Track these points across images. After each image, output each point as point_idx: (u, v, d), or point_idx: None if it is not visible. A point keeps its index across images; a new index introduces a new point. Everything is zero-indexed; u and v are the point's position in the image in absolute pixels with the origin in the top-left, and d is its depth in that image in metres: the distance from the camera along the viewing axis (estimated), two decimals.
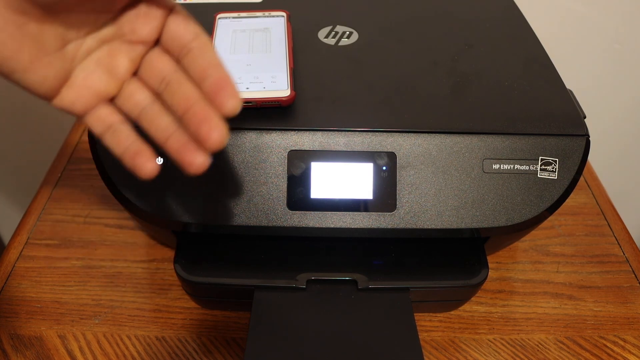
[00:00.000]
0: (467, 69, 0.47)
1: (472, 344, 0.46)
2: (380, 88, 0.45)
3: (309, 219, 0.41)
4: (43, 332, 0.47)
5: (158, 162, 0.40)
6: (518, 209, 0.41)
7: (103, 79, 0.29)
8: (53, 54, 0.28)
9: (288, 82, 0.42)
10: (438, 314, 0.49)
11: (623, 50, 0.84)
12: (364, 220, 0.41)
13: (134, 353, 0.45)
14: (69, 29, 0.28)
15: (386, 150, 0.41)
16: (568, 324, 0.48)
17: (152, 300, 0.49)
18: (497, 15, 0.56)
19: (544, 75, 0.47)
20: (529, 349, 0.46)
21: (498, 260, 0.54)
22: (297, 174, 0.41)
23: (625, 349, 0.46)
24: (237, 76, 0.43)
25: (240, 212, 0.41)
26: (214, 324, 0.47)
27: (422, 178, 0.41)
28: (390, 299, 0.42)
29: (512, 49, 0.50)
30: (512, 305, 0.49)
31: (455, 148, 0.41)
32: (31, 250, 0.53)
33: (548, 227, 0.57)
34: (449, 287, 0.44)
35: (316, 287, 0.42)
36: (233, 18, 0.51)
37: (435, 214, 0.41)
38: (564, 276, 0.52)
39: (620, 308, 0.49)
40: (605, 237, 0.56)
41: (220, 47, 0.47)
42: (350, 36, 0.51)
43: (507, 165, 0.41)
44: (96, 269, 0.52)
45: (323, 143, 0.41)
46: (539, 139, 0.41)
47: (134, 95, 0.30)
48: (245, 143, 0.41)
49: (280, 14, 0.51)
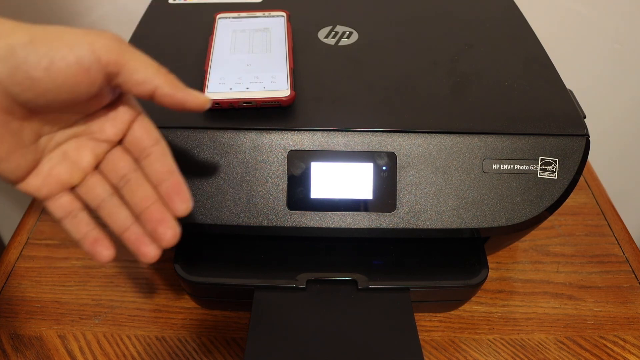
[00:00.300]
0: (467, 69, 0.47)
1: (472, 344, 0.46)
2: (380, 88, 0.45)
3: (309, 219, 0.41)
4: (43, 332, 0.47)
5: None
6: (518, 209, 0.41)
7: (67, 170, 0.32)
8: (28, 146, 0.30)
9: (288, 82, 0.42)
10: (438, 314, 0.49)
11: (623, 50, 0.84)
12: (364, 220, 0.41)
13: (134, 353, 0.45)
14: (44, 125, 0.31)
15: (386, 150, 0.41)
16: (568, 324, 0.48)
17: (152, 300, 0.49)
18: (497, 15, 0.56)
19: (544, 75, 0.47)
20: (529, 349, 0.46)
21: (498, 260, 0.54)
22: (297, 174, 0.41)
23: (625, 349, 0.46)
24: (237, 76, 0.43)
25: (240, 212, 0.41)
26: (214, 324, 0.48)
27: (422, 178, 0.41)
28: (390, 299, 0.42)
29: (512, 49, 0.50)
30: (512, 305, 0.49)
31: (455, 148, 0.41)
32: (31, 250, 0.53)
33: (548, 227, 0.57)
34: (449, 287, 0.44)
35: (316, 287, 0.42)
36: (233, 18, 0.51)
37: (435, 214, 0.41)
38: (564, 276, 0.52)
39: (620, 308, 0.49)
40: (605, 237, 0.56)
41: (220, 47, 0.47)
42: (350, 36, 0.51)
43: (507, 165, 0.41)
44: (96, 269, 0.52)
45: (323, 143, 0.41)
46: (539, 139, 0.41)
47: (95, 188, 0.33)
48: (245, 143, 0.41)
49: (280, 14, 0.51)
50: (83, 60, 0.28)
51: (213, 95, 0.41)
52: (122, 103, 0.32)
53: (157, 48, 0.50)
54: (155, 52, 0.49)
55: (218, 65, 0.44)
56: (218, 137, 0.41)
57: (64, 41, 0.28)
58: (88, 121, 0.32)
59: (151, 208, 0.31)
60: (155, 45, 0.50)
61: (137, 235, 0.32)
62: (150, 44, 0.50)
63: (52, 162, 0.32)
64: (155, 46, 0.50)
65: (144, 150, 0.32)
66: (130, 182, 0.32)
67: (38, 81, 0.27)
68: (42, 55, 0.27)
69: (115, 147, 0.33)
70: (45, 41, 0.27)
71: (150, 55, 0.51)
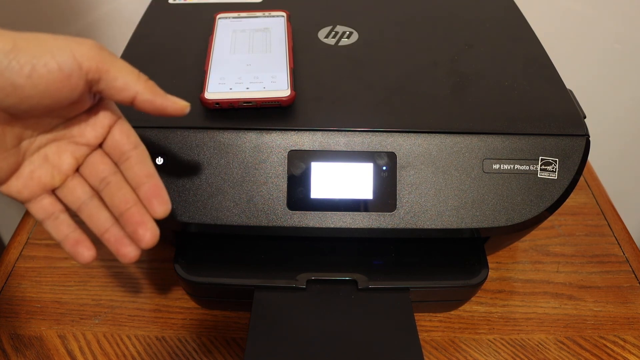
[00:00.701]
0: (467, 69, 0.47)
1: (472, 344, 0.46)
2: (380, 88, 0.45)
3: (309, 219, 0.41)
4: (43, 332, 0.47)
5: (158, 162, 0.41)
6: (518, 209, 0.41)
7: (48, 173, 0.33)
8: (9, 150, 0.31)
9: (288, 82, 0.42)
10: (438, 314, 0.49)
11: (623, 50, 0.84)
12: (364, 220, 0.41)
13: (134, 353, 0.45)
14: (26, 129, 0.31)
15: (386, 150, 0.41)
16: (568, 324, 0.48)
17: (152, 300, 0.49)
18: (497, 15, 0.56)
19: (544, 75, 0.47)
20: (529, 349, 0.46)
21: (498, 260, 0.54)
22: (297, 174, 0.41)
23: (625, 349, 0.46)
24: (237, 76, 0.43)
25: (240, 212, 0.41)
26: (214, 324, 0.48)
27: (422, 178, 0.41)
28: (390, 299, 0.42)
29: (512, 49, 0.50)
30: (512, 305, 0.49)
31: (455, 148, 0.41)
32: (31, 250, 0.53)
33: (548, 227, 0.57)
34: (449, 287, 0.44)
35: (316, 287, 0.42)
36: (233, 18, 0.51)
37: (435, 214, 0.41)
38: (564, 276, 0.52)
39: (620, 308, 0.49)
40: (605, 237, 0.56)
41: (220, 47, 0.47)
42: (350, 36, 0.51)
43: (507, 165, 0.41)
44: (96, 269, 0.52)
45: (323, 143, 0.41)
46: (539, 139, 0.41)
47: (75, 190, 0.34)
48: (245, 143, 0.41)
49: (280, 14, 0.51)
50: (65, 67, 0.28)
51: (213, 95, 0.41)
52: (102, 108, 0.33)
53: (157, 48, 0.50)
54: (155, 52, 0.50)
55: (218, 65, 0.44)
56: (218, 137, 0.41)
57: (46, 48, 0.28)
58: (69, 125, 0.33)
59: (131, 210, 0.32)
60: (155, 45, 0.50)
61: (116, 237, 0.33)
62: (150, 44, 0.50)
63: (33, 165, 0.32)
64: (155, 46, 0.50)
65: (123, 154, 0.33)
66: (110, 185, 0.33)
67: (21, 88, 0.27)
68: (25, 63, 0.27)
69: (95, 150, 0.34)
70: (27, 48, 0.28)
71: (150, 55, 0.51)
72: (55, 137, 0.33)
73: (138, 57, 0.48)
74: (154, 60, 0.48)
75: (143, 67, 0.31)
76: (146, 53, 0.49)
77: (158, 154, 0.41)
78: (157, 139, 0.41)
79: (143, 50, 0.49)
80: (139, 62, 0.47)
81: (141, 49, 0.50)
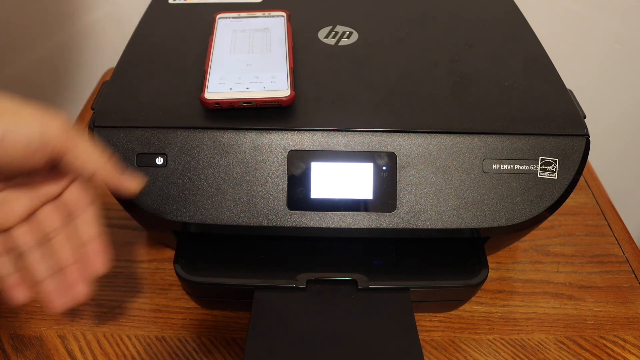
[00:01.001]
0: (467, 69, 0.47)
1: (472, 344, 0.46)
2: (380, 88, 0.45)
3: (309, 219, 0.41)
4: (43, 332, 0.47)
5: (158, 162, 0.41)
6: (518, 209, 0.41)
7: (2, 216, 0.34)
8: None
9: (288, 82, 0.42)
10: (438, 314, 0.49)
11: (623, 50, 0.84)
12: (364, 220, 0.41)
13: (134, 353, 0.45)
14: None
15: (386, 150, 0.41)
16: (568, 324, 0.48)
17: (152, 300, 0.49)
18: (497, 15, 0.56)
19: (544, 75, 0.47)
20: (529, 349, 0.46)
21: (498, 260, 0.54)
22: (297, 174, 0.41)
23: (625, 349, 0.46)
24: (237, 76, 0.43)
25: (240, 212, 0.41)
26: (214, 324, 0.48)
27: (422, 178, 0.41)
28: (390, 299, 0.42)
29: (512, 49, 0.50)
30: (512, 305, 0.49)
31: (455, 148, 0.41)
32: None
33: (548, 227, 0.57)
34: (449, 287, 0.44)
35: (316, 287, 0.42)
36: (233, 18, 0.51)
37: (435, 214, 0.41)
38: (564, 276, 0.52)
39: (620, 308, 0.49)
40: (605, 237, 0.56)
41: (220, 47, 0.47)
42: (350, 36, 0.51)
43: (507, 165, 0.41)
44: None
45: (323, 143, 0.41)
46: (539, 139, 0.41)
47: (23, 236, 0.35)
48: (245, 143, 0.41)
49: (280, 14, 0.51)
50: (32, 142, 0.31)
51: (213, 95, 0.41)
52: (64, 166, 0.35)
53: (157, 48, 0.50)
54: (155, 52, 0.50)
55: (218, 65, 0.44)
56: (218, 137, 0.41)
57: (20, 118, 0.31)
58: (30, 178, 0.35)
59: (72, 267, 0.36)
60: (155, 45, 0.50)
61: (51, 288, 0.35)
62: (150, 44, 0.50)
63: None
64: (155, 46, 0.50)
65: (76, 210, 0.36)
66: (57, 239, 0.36)
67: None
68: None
69: (51, 201, 0.36)
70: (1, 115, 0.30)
71: (150, 55, 0.51)
72: (14, 184, 0.35)
73: (138, 57, 0.48)
74: (154, 60, 0.48)
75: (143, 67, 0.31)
76: (146, 53, 0.49)
77: (158, 154, 0.41)
78: (157, 139, 0.41)
79: (143, 50, 0.49)
80: (139, 62, 0.48)
81: (141, 49, 0.50)
